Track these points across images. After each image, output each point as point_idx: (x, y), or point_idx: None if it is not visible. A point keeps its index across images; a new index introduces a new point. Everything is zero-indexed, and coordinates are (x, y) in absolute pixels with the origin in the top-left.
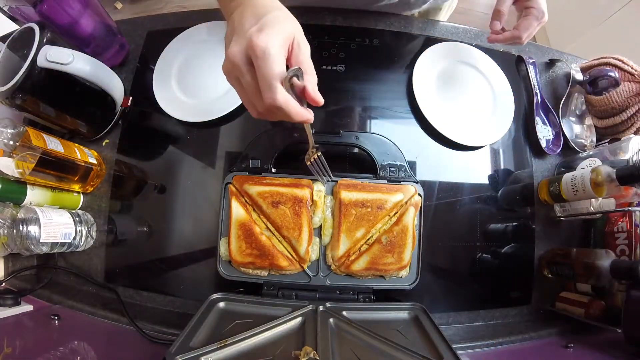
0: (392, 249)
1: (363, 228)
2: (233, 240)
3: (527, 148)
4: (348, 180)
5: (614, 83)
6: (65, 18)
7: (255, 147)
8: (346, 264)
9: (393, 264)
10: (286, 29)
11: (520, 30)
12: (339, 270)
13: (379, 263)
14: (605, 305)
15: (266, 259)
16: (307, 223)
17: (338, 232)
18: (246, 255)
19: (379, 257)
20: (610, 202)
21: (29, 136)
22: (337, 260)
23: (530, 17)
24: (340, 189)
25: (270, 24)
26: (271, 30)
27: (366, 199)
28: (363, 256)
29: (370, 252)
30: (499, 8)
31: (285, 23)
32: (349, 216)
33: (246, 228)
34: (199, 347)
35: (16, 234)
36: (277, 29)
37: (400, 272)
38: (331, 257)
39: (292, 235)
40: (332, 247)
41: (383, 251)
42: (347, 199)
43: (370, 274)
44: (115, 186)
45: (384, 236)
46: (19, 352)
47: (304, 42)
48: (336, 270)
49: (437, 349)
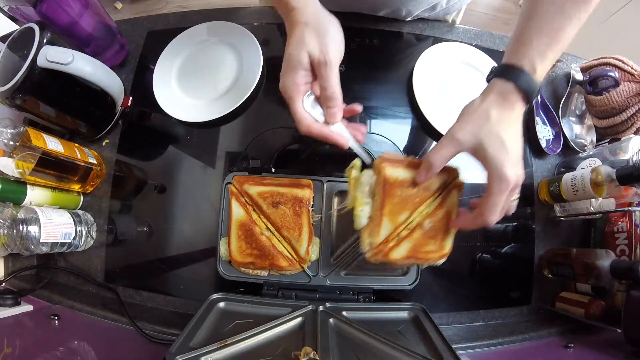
0: (435, 235)
1: (407, 211)
2: (233, 240)
3: (527, 148)
4: (390, 153)
5: (614, 83)
6: (65, 18)
7: (255, 147)
8: (384, 251)
9: (434, 252)
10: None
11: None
12: (373, 259)
13: (420, 251)
14: (605, 305)
15: (266, 259)
16: (307, 223)
17: (380, 215)
18: (246, 255)
19: (420, 244)
20: (610, 202)
21: (29, 136)
22: (376, 247)
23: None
24: (383, 164)
25: (292, 62)
26: (291, 71)
27: (412, 179)
28: (403, 243)
29: (411, 238)
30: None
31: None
32: (393, 197)
33: (246, 228)
34: (199, 347)
35: (16, 234)
36: (297, 67)
37: (439, 261)
38: (369, 244)
39: (292, 236)
40: (372, 233)
41: (425, 237)
42: (392, 177)
43: (407, 263)
44: (115, 186)
45: (427, 220)
46: (19, 352)
47: (324, 63)
48: (371, 258)
49: (437, 349)
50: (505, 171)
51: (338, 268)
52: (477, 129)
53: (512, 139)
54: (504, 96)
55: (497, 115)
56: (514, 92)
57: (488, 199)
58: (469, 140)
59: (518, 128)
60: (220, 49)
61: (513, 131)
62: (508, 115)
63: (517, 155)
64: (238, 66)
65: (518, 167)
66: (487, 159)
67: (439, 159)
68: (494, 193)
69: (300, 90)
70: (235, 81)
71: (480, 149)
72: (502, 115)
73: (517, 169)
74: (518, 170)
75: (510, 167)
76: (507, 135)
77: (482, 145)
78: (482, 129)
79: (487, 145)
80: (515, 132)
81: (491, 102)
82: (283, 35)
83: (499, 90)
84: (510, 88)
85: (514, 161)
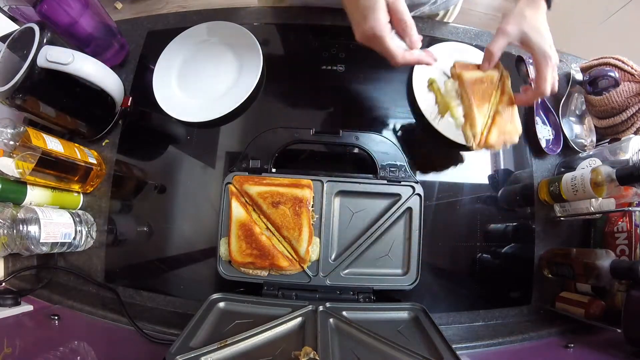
0: (509, 115)
1: (486, 102)
2: (233, 240)
3: (527, 148)
4: (459, 62)
5: (614, 83)
6: (65, 18)
7: (255, 147)
8: (482, 140)
9: (513, 131)
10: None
11: (539, 85)
12: (478, 147)
13: (504, 132)
14: (605, 305)
15: (266, 259)
16: (307, 223)
17: (471, 109)
18: (246, 255)
19: (503, 126)
20: (610, 202)
21: (29, 136)
22: (477, 136)
23: (538, 66)
24: (458, 70)
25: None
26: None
27: (482, 77)
28: (493, 129)
29: (495, 124)
30: (489, 48)
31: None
32: (476, 93)
33: (246, 228)
34: (199, 347)
35: (16, 234)
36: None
37: (515, 137)
38: (471, 135)
39: (292, 236)
40: (471, 125)
41: (504, 120)
42: (471, 78)
43: (500, 143)
44: (115, 186)
45: (500, 106)
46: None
47: None
48: (477, 148)
49: (437, 349)
50: (546, 49)
51: (338, 268)
52: (519, 25)
53: (545, 30)
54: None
55: (530, 13)
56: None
57: (540, 74)
58: (515, 32)
59: (545, 22)
60: (220, 49)
61: (544, 25)
62: (537, 13)
63: (550, 41)
64: (238, 66)
65: (553, 50)
66: (532, 44)
67: (495, 48)
68: (542, 68)
69: (388, 28)
70: (235, 81)
71: (525, 37)
72: (533, 13)
73: (553, 50)
74: (554, 52)
75: (549, 48)
76: (542, 27)
77: (527, 35)
78: (522, 24)
79: (530, 35)
80: (545, 25)
81: (523, 5)
82: (283, 35)
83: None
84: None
85: (550, 44)
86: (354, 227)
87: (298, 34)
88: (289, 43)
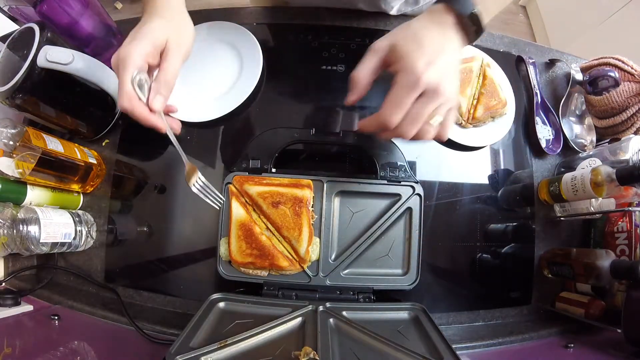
0: (492, 94)
1: (468, 87)
2: (233, 240)
3: (527, 148)
4: None
5: (614, 83)
6: (65, 18)
7: (255, 147)
8: (469, 116)
9: (498, 103)
10: (155, 37)
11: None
12: (467, 124)
13: (490, 106)
14: (605, 305)
15: (266, 259)
16: (307, 223)
17: None
18: (246, 255)
19: (487, 102)
20: (610, 202)
21: (29, 136)
22: (464, 114)
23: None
24: None
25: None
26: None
27: (460, 69)
28: (478, 107)
29: (480, 102)
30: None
31: (157, 31)
32: None
33: (246, 228)
34: (199, 347)
35: (16, 234)
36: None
37: (504, 109)
38: (458, 115)
39: (292, 236)
40: (458, 108)
41: (488, 97)
42: None
43: (488, 116)
44: (115, 186)
45: (482, 88)
46: (19, 352)
47: (174, 50)
48: (465, 125)
49: (437, 349)
50: (414, 63)
51: (338, 268)
52: (394, 36)
53: (435, 44)
54: (432, 12)
55: (420, 24)
56: (443, 10)
57: (390, 92)
58: (385, 46)
59: (445, 40)
60: (220, 49)
61: (437, 40)
62: (434, 27)
63: (437, 58)
64: (238, 66)
65: (437, 71)
66: (399, 56)
67: (360, 73)
68: (398, 86)
69: (136, 63)
70: (235, 81)
71: (394, 50)
72: (425, 26)
73: (435, 71)
74: (435, 73)
75: (422, 62)
76: (427, 39)
77: (396, 46)
78: (398, 35)
79: (401, 45)
80: (440, 42)
81: (418, 18)
82: (283, 36)
83: (430, 9)
84: (440, 7)
85: (430, 60)
86: (354, 227)
87: (298, 34)
88: (289, 43)
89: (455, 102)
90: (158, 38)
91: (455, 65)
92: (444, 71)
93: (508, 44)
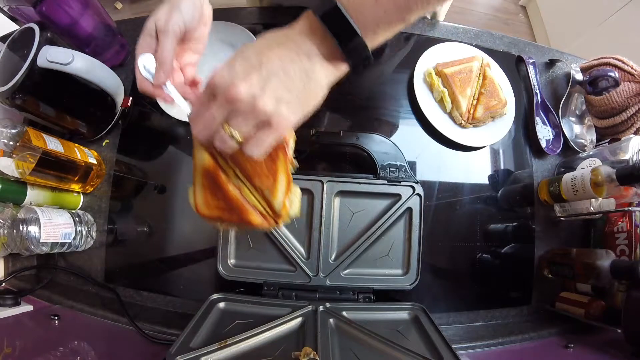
0: (492, 94)
1: (468, 87)
2: (198, 190)
3: (527, 148)
4: (442, 63)
5: (614, 83)
6: (65, 18)
7: None
8: (469, 116)
9: (498, 103)
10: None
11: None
12: (467, 124)
13: (489, 106)
14: (605, 305)
15: (234, 213)
16: (284, 170)
17: (455, 95)
18: (212, 208)
19: (487, 102)
20: (610, 202)
21: (29, 136)
22: (464, 114)
23: None
24: (440, 68)
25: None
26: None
27: (459, 69)
28: (478, 107)
29: (480, 101)
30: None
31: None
32: (456, 81)
33: (211, 176)
34: (199, 347)
35: (16, 234)
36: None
37: (504, 109)
38: (458, 115)
39: (264, 185)
40: (457, 107)
41: (488, 97)
42: (449, 72)
43: (488, 116)
44: (115, 186)
45: (482, 88)
46: (19, 352)
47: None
48: (465, 125)
49: (437, 349)
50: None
51: (338, 268)
52: None
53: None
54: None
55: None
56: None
57: None
58: None
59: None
60: (220, 49)
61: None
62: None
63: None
64: None
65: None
66: None
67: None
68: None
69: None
70: None
71: None
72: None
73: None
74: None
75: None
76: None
77: None
78: None
79: None
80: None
81: None
82: None
83: None
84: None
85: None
86: (354, 227)
87: None
88: None
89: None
90: (150, 27)
91: None
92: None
93: (508, 44)
